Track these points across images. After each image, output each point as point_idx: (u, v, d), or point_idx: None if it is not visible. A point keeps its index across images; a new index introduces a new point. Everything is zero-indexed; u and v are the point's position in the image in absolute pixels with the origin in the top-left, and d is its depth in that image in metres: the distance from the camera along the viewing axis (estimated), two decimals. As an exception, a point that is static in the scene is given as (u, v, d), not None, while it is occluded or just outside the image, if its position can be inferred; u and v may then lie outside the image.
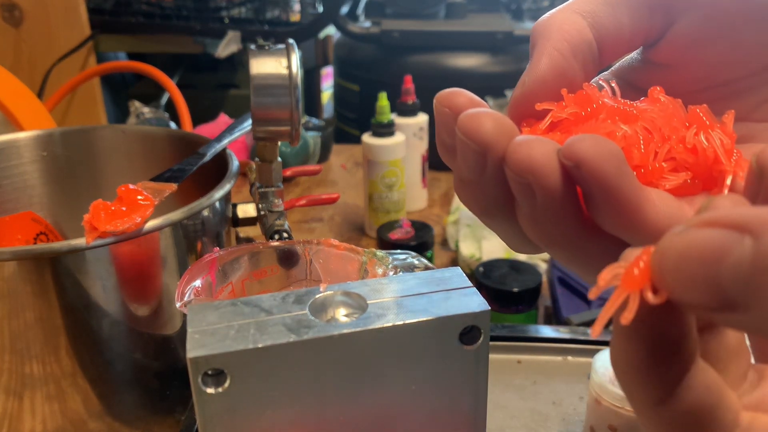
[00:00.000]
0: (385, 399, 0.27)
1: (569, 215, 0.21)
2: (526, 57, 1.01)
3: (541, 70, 0.24)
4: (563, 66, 0.24)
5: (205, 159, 0.55)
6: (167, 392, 0.52)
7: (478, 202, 0.24)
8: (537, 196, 0.20)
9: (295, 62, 0.52)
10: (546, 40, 0.24)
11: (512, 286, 0.64)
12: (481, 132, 0.21)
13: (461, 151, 0.22)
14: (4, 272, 0.43)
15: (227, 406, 0.25)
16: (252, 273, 0.45)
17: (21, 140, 0.63)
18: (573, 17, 0.25)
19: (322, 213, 0.99)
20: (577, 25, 0.25)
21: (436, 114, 0.24)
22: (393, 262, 0.43)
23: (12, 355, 0.45)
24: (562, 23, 0.25)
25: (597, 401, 0.43)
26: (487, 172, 0.22)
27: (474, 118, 0.21)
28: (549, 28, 0.25)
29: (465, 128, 0.21)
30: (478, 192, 0.23)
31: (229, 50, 1.17)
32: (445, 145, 0.24)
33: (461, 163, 0.22)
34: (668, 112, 0.23)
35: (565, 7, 0.25)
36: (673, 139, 0.23)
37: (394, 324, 0.25)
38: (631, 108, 0.23)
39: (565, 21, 0.25)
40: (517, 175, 0.20)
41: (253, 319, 0.25)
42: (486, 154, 0.21)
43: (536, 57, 0.24)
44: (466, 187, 0.23)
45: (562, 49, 0.24)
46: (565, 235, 0.21)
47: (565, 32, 0.24)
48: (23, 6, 1.02)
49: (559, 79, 0.24)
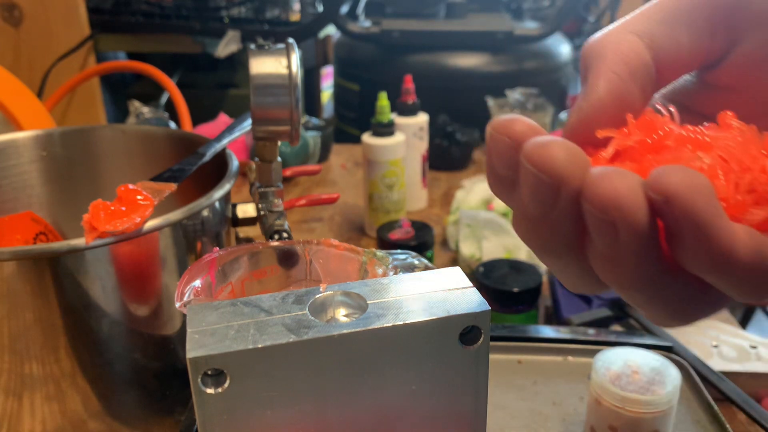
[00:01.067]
0: (385, 399, 0.27)
1: (651, 254, 0.19)
2: (526, 57, 1.02)
3: (599, 94, 0.22)
4: (622, 90, 0.22)
5: (204, 159, 0.55)
6: (167, 392, 0.52)
7: (542, 240, 0.22)
8: (620, 233, 0.18)
9: (294, 62, 0.52)
10: (602, 62, 0.23)
11: (512, 286, 0.64)
12: (555, 163, 0.19)
13: (528, 184, 0.20)
14: (3, 272, 0.43)
15: (227, 406, 0.25)
16: (252, 273, 0.45)
17: (20, 140, 0.63)
18: (629, 38, 0.23)
19: (322, 213, 0.99)
20: (633, 45, 0.23)
21: (491, 143, 0.22)
22: (393, 262, 0.43)
23: (11, 356, 0.45)
24: (617, 44, 0.23)
25: (597, 401, 0.43)
26: (558, 207, 0.20)
27: (544, 148, 0.19)
28: (603, 49, 0.23)
29: (535, 159, 0.19)
30: (545, 229, 0.21)
31: (228, 50, 1.17)
32: (500, 178, 0.22)
33: (527, 197, 0.20)
34: (744, 140, 0.21)
35: (619, 27, 0.24)
36: (754, 169, 0.21)
37: (394, 324, 0.25)
38: (702, 135, 0.21)
39: (621, 42, 0.23)
40: (600, 211, 0.18)
41: (252, 319, 0.25)
42: (559, 187, 0.19)
43: (592, 80, 0.23)
44: (530, 223, 0.21)
45: (620, 71, 0.23)
46: (644, 276, 0.20)
47: (622, 53, 0.23)
48: (23, 6, 1.02)
49: (619, 103, 0.22)
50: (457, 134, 1.10)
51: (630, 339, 0.52)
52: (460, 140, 1.10)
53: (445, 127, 1.11)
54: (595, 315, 0.59)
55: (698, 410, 0.47)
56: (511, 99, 1.19)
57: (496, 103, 1.19)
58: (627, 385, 0.42)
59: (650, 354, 0.44)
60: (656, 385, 0.42)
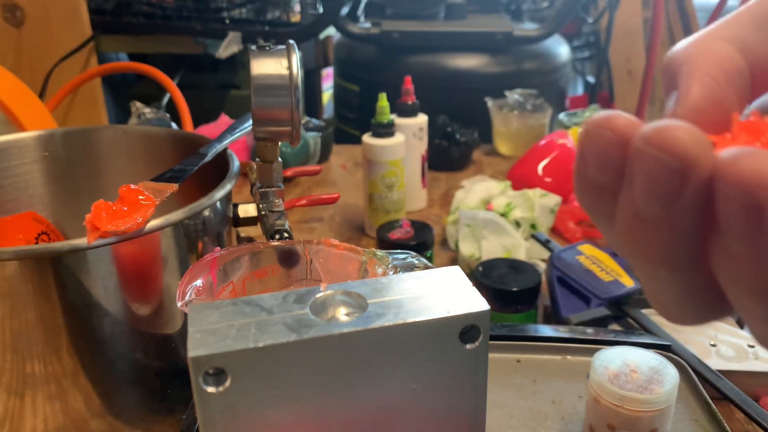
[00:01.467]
0: (385, 397, 0.27)
1: None
2: (525, 58, 1.02)
3: (694, 98, 0.20)
4: (719, 95, 0.21)
5: (206, 159, 0.55)
6: (168, 391, 0.52)
7: (659, 244, 0.19)
8: (765, 221, 0.16)
9: (295, 63, 0.52)
10: (694, 68, 0.21)
11: (512, 285, 0.64)
12: (682, 145, 0.17)
13: (646, 175, 0.18)
14: (5, 272, 0.43)
15: (228, 405, 0.25)
16: (253, 273, 0.45)
17: (22, 140, 0.63)
18: (719, 44, 0.22)
19: (322, 213, 0.99)
20: (726, 51, 0.21)
21: (586, 142, 0.19)
22: (393, 261, 0.43)
23: (13, 355, 0.45)
24: (708, 50, 0.21)
25: (596, 400, 0.43)
26: (683, 198, 0.17)
27: (667, 130, 0.17)
28: (693, 55, 0.21)
29: (658, 141, 0.17)
30: (662, 231, 0.18)
31: (229, 51, 1.17)
32: (595, 185, 0.20)
33: (642, 193, 0.18)
34: None
35: (706, 34, 0.22)
36: None
37: (394, 323, 0.25)
38: None
39: (712, 48, 0.21)
40: (743, 192, 0.16)
41: (253, 318, 0.26)
42: (687, 172, 0.17)
43: (686, 85, 0.21)
44: (644, 227, 0.19)
45: (716, 74, 0.21)
46: None
47: (716, 57, 0.21)
48: (24, 7, 1.02)
49: (716, 109, 0.20)
50: (457, 135, 1.11)
51: (628, 338, 0.53)
52: (459, 141, 1.10)
53: (444, 128, 1.12)
54: (593, 314, 0.59)
55: (696, 409, 0.48)
56: (510, 100, 1.19)
57: (495, 104, 1.19)
58: (625, 384, 0.42)
59: (649, 353, 0.44)
60: (654, 383, 0.42)
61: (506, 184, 0.90)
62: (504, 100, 1.20)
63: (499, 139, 1.20)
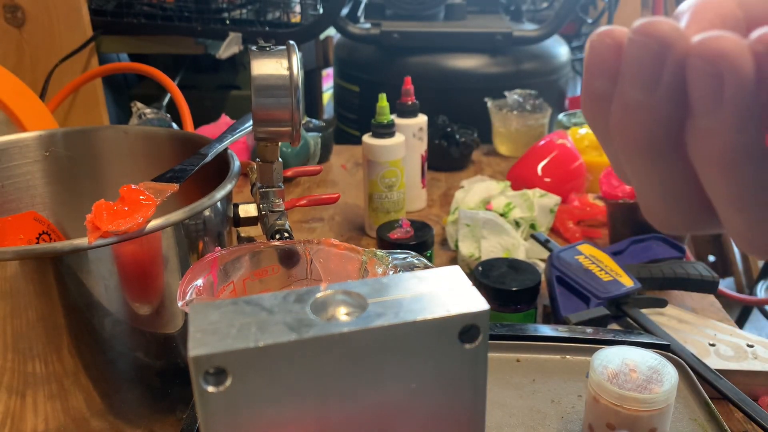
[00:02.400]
0: (385, 397, 0.27)
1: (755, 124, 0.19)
2: (525, 58, 1.03)
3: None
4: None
5: (206, 159, 0.56)
6: (169, 391, 0.52)
7: (644, 130, 0.22)
8: (725, 88, 0.19)
9: (295, 63, 0.52)
10: (695, 14, 0.23)
11: (511, 285, 0.64)
12: (661, 30, 0.20)
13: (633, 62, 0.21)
14: (6, 272, 0.43)
15: (228, 404, 0.25)
16: (253, 272, 0.45)
17: (23, 140, 0.63)
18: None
19: (322, 213, 0.99)
20: (725, 2, 0.23)
21: (591, 53, 0.22)
22: (393, 261, 0.44)
23: (14, 354, 0.45)
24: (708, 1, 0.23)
25: (595, 399, 0.43)
26: (663, 80, 0.20)
27: (651, 22, 0.20)
28: (695, 5, 0.23)
29: (643, 29, 0.20)
30: (646, 115, 0.21)
31: (230, 51, 1.17)
32: (596, 92, 0.23)
33: (630, 78, 0.21)
34: None
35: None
36: None
37: (394, 323, 0.26)
38: None
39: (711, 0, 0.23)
40: (706, 61, 0.19)
41: (254, 318, 0.26)
42: (665, 53, 0.20)
43: (684, 27, 0.23)
44: (631, 114, 0.21)
45: (712, 19, 0.23)
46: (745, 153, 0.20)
47: (713, 6, 0.23)
48: (26, 7, 1.02)
49: None
50: (457, 135, 1.11)
51: (627, 338, 0.53)
52: (459, 141, 1.10)
53: (444, 128, 1.12)
54: (593, 314, 0.60)
55: (695, 408, 0.48)
56: (509, 100, 1.19)
57: (494, 104, 1.19)
58: (625, 384, 0.42)
59: (648, 352, 0.45)
60: (654, 383, 0.42)
61: (506, 184, 0.90)
62: (503, 100, 1.20)
63: (498, 139, 1.20)
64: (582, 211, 0.92)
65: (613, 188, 0.80)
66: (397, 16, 1.35)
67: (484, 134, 1.19)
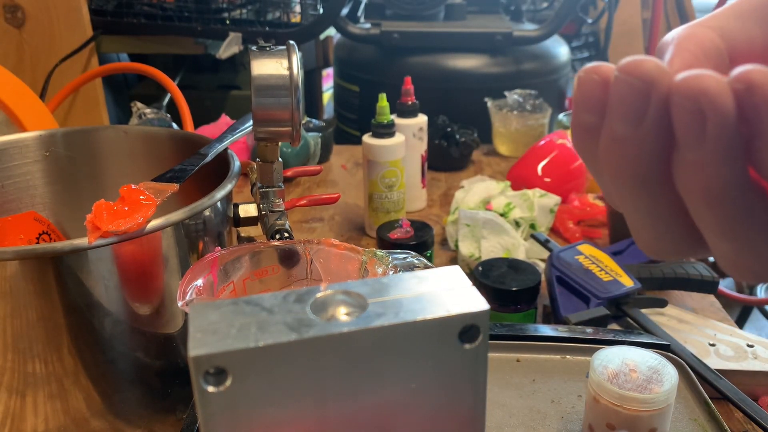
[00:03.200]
0: (385, 397, 0.27)
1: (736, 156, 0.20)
2: (525, 58, 1.03)
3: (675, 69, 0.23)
4: (696, 66, 0.24)
5: (206, 159, 0.56)
6: (169, 391, 0.52)
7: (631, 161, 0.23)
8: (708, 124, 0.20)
9: (295, 63, 0.52)
10: (678, 46, 0.24)
11: (511, 285, 0.64)
12: (645, 69, 0.21)
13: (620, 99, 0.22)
14: (6, 272, 0.43)
15: (228, 404, 0.25)
16: (253, 272, 0.45)
17: (23, 140, 0.63)
18: (701, 29, 0.25)
19: (322, 213, 0.99)
20: (707, 33, 0.25)
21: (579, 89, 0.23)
22: (393, 261, 0.44)
23: (14, 354, 0.45)
24: (692, 33, 0.25)
25: (595, 399, 0.43)
26: (648, 115, 0.21)
27: (635, 60, 0.21)
28: (680, 37, 0.25)
29: (627, 68, 0.21)
30: (633, 148, 0.22)
31: (230, 51, 1.17)
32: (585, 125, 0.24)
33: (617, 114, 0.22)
34: None
35: (693, 23, 0.25)
36: None
37: (394, 323, 0.26)
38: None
39: (696, 32, 0.25)
40: (688, 99, 0.20)
41: (254, 318, 0.26)
42: (650, 91, 0.21)
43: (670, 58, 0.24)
44: (619, 147, 0.23)
45: (694, 51, 0.24)
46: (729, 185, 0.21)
47: (698, 39, 0.24)
48: (26, 7, 1.02)
49: None
50: (457, 135, 1.11)
51: (627, 338, 0.53)
52: (459, 141, 1.10)
53: (444, 128, 1.12)
54: (592, 314, 0.60)
55: (695, 408, 0.48)
56: (509, 100, 1.19)
57: (494, 104, 1.19)
58: (625, 384, 0.42)
59: (648, 352, 0.45)
60: (654, 383, 0.42)
61: (506, 184, 0.90)
62: (503, 100, 1.20)
63: (498, 139, 1.20)
64: (582, 211, 0.92)
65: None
66: (397, 16, 1.35)
67: (484, 134, 1.19)
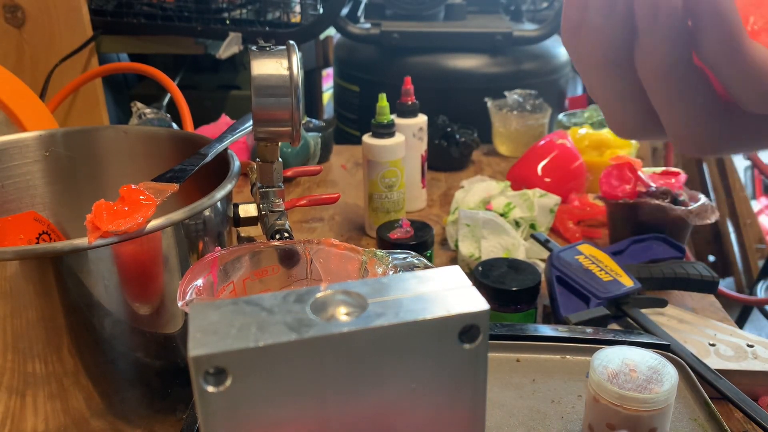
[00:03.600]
0: (385, 397, 0.27)
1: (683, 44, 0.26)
2: (525, 58, 1.03)
3: None
4: None
5: (206, 159, 0.56)
6: (169, 391, 0.52)
7: (602, 46, 0.28)
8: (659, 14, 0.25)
9: (295, 63, 0.52)
10: None
11: (511, 285, 0.64)
12: None
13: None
14: (6, 272, 0.43)
15: (228, 404, 0.25)
16: (253, 272, 0.45)
17: (23, 140, 0.63)
18: None
19: (322, 213, 0.99)
20: None
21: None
22: (393, 261, 0.44)
23: (14, 354, 0.45)
24: None
25: (595, 399, 0.43)
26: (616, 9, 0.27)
27: None
28: None
29: None
30: (604, 36, 0.28)
31: (230, 51, 1.17)
32: (572, 21, 0.29)
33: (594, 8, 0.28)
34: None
35: None
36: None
37: (394, 323, 0.26)
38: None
39: None
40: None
41: (254, 318, 0.26)
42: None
43: None
44: (593, 34, 0.28)
45: None
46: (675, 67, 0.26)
47: None
48: (26, 7, 1.02)
49: None
50: (456, 135, 1.11)
51: (627, 337, 0.53)
52: (459, 141, 1.10)
53: (444, 128, 1.12)
54: (592, 314, 0.60)
55: (695, 408, 0.48)
56: (509, 100, 1.19)
57: (494, 104, 1.19)
58: (625, 384, 0.42)
59: (648, 352, 0.45)
60: (654, 383, 0.42)
61: (506, 184, 0.90)
62: (503, 100, 1.20)
63: (498, 139, 1.20)
64: (582, 211, 0.92)
65: (613, 188, 0.80)
66: (397, 16, 1.35)
67: (484, 134, 1.19)
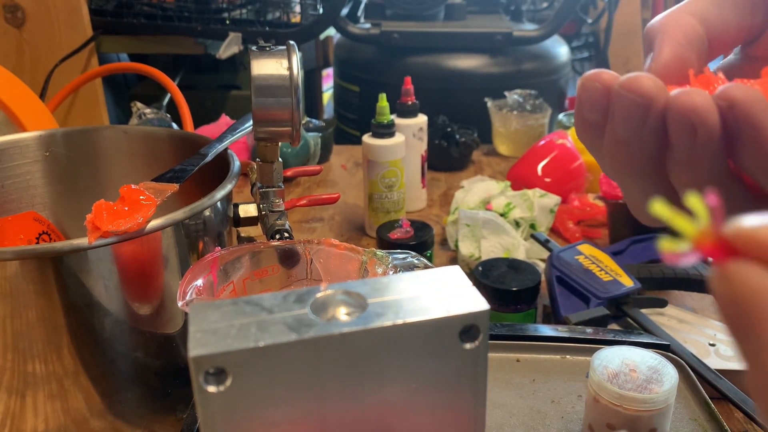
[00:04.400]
0: (385, 397, 0.27)
1: (720, 156, 0.25)
2: (525, 58, 1.03)
3: (665, 58, 0.27)
4: (683, 55, 0.28)
5: (206, 159, 0.56)
6: (169, 391, 0.52)
7: (632, 160, 0.27)
8: (698, 134, 0.24)
9: (295, 63, 0.52)
10: (665, 34, 0.28)
11: (511, 285, 0.64)
12: (645, 87, 0.25)
13: (622, 110, 0.26)
14: (6, 272, 0.43)
15: (228, 404, 0.25)
16: (253, 272, 0.45)
17: (23, 140, 0.63)
18: (685, 16, 0.28)
19: (322, 213, 0.99)
20: (690, 21, 0.28)
21: (583, 92, 0.27)
22: (393, 261, 0.44)
23: (14, 354, 0.45)
24: (677, 20, 0.28)
25: (595, 399, 0.43)
26: (648, 123, 0.25)
27: (635, 78, 0.25)
28: (666, 25, 0.28)
29: (629, 86, 0.25)
30: (634, 149, 0.26)
31: (230, 51, 1.17)
32: (588, 123, 0.28)
33: (620, 122, 0.26)
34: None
35: (677, 9, 0.29)
36: None
37: (394, 323, 0.26)
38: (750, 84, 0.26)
39: (680, 19, 0.28)
40: (682, 116, 0.24)
41: (254, 318, 0.26)
42: (649, 105, 0.25)
43: (658, 47, 0.28)
44: (621, 148, 0.27)
45: (681, 40, 0.28)
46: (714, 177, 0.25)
47: (682, 27, 0.28)
48: (26, 7, 1.02)
49: (681, 66, 0.27)
50: (456, 135, 1.11)
51: (627, 337, 0.53)
52: (459, 141, 1.10)
53: (444, 128, 1.12)
54: (592, 314, 0.60)
55: (696, 408, 0.48)
56: (509, 100, 1.19)
57: (494, 104, 1.19)
58: (625, 384, 0.42)
59: (648, 352, 0.45)
60: (654, 383, 0.42)
61: (506, 184, 0.90)
62: (503, 100, 1.20)
63: (498, 139, 1.20)
64: (582, 211, 0.92)
65: (613, 188, 0.80)
66: (397, 16, 1.35)
67: (484, 134, 1.19)
